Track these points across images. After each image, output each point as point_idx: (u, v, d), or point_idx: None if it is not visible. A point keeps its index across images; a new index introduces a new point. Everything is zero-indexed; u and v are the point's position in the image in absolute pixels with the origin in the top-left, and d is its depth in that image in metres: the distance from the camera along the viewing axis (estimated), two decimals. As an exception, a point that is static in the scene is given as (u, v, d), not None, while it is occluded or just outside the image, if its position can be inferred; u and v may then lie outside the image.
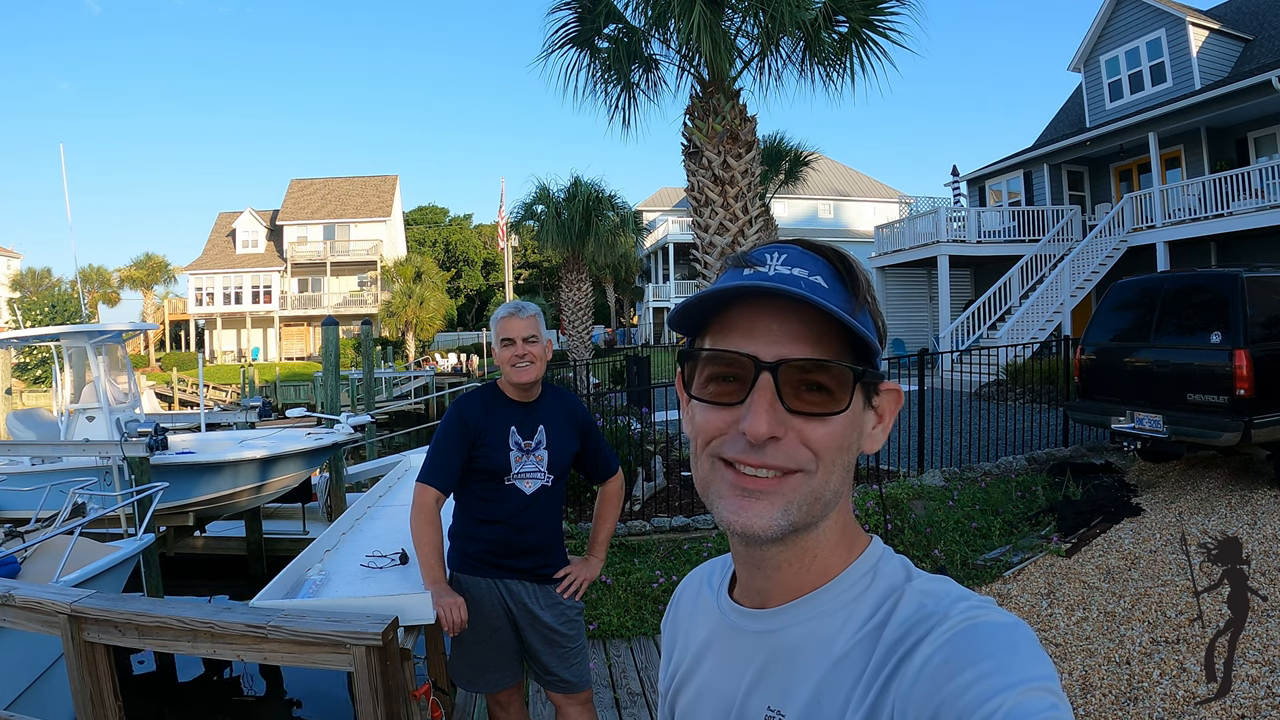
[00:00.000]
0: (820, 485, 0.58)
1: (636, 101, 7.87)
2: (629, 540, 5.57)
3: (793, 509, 0.58)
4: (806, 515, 0.59)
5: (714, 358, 0.60)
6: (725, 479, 0.60)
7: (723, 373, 0.60)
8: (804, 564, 0.62)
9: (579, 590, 2.41)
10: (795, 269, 0.59)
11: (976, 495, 6.02)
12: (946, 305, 15.75)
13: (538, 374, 2.32)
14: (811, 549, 0.62)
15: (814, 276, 0.59)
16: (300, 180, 43.79)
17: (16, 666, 4.18)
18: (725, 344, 0.59)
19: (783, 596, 0.63)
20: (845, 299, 0.59)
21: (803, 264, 0.59)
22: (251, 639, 2.30)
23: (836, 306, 0.56)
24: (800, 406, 0.57)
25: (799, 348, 0.57)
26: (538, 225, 19.08)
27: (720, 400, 0.60)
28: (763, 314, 0.58)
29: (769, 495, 0.58)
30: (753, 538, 0.59)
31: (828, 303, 0.56)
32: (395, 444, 14.95)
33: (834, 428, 0.58)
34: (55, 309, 29.93)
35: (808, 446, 0.58)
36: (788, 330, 0.58)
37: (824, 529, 0.62)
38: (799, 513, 0.58)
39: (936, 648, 0.53)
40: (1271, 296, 5.37)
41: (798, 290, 0.55)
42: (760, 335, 0.58)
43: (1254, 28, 14.84)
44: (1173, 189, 13.63)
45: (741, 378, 0.58)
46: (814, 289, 0.57)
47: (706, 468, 0.61)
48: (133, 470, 6.28)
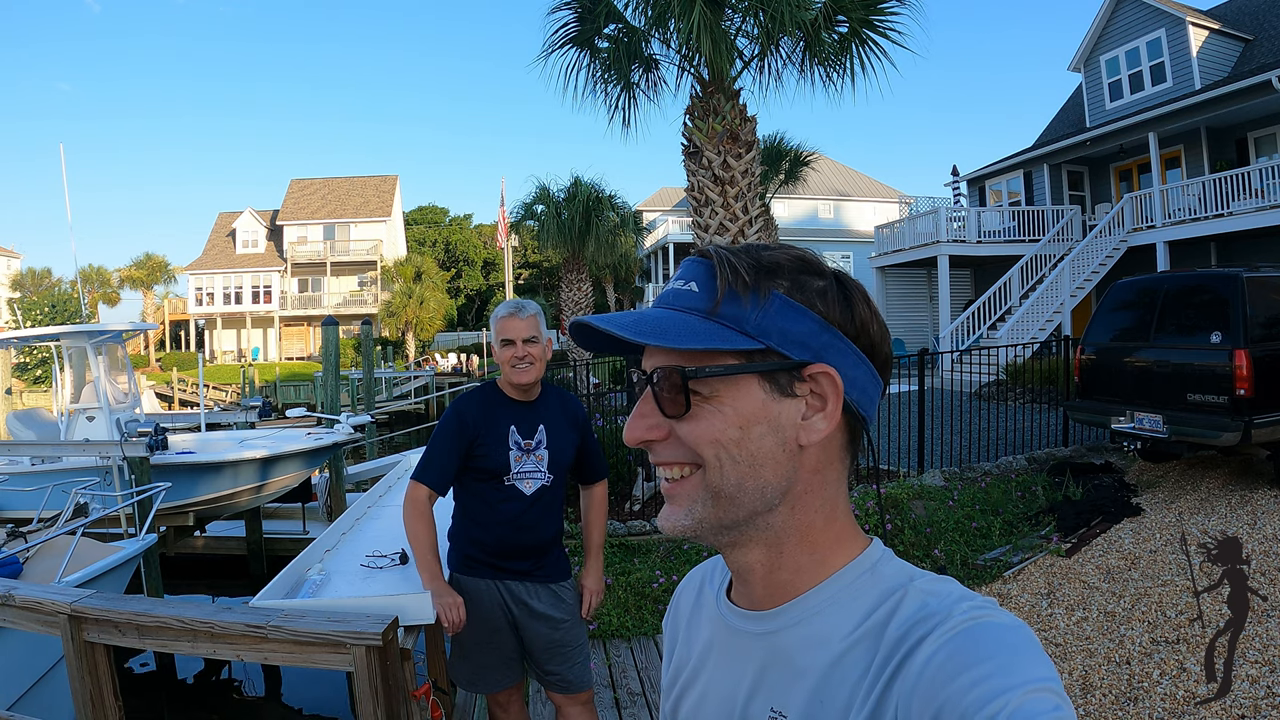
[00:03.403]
0: (714, 480, 0.60)
1: (636, 101, 7.86)
2: (629, 540, 5.57)
3: (696, 506, 0.61)
4: (715, 513, 0.61)
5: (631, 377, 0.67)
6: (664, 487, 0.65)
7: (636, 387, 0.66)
8: (773, 563, 0.63)
9: (597, 604, 2.52)
10: (678, 281, 0.64)
11: (976, 495, 6.02)
12: (946, 305, 15.74)
13: (537, 375, 2.31)
14: (776, 547, 0.63)
15: (688, 284, 0.63)
16: (300, 180, 43.79)
17: (18, 667, 4.18)
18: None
19: (773, 597, 0.64)
20: (706, 298, 0.61)
21: (685, 274, 0.64)
22: (251, 639, 2.29)
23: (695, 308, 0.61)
24: (668, 410, 0.61)
25: (659, 357, 0.62)
26: (538, 225, 19.07)
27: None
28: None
29: (676, 498, 0.62)
30: (671, 536, 0.64)
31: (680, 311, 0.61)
32: (395, 444, 14.95)
33: (701, 425, 0.60)
34: (55, 309, 29.93)
35: (685, 443, 0.61)
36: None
37: (779, 527, 0.62)
38: (704, 509, 0.61)
39: (938, 647, 0.53)
40: (1271, 296, 5.37)
41: (602, 324, 0.60)
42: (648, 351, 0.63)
43: (1254, 28, 14.83)
44: (1173, 189, 13.62)
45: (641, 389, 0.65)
46: (682, 297, 0.62)
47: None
48: (133, 470, 6.28)
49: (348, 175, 44.52)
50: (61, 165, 11.92)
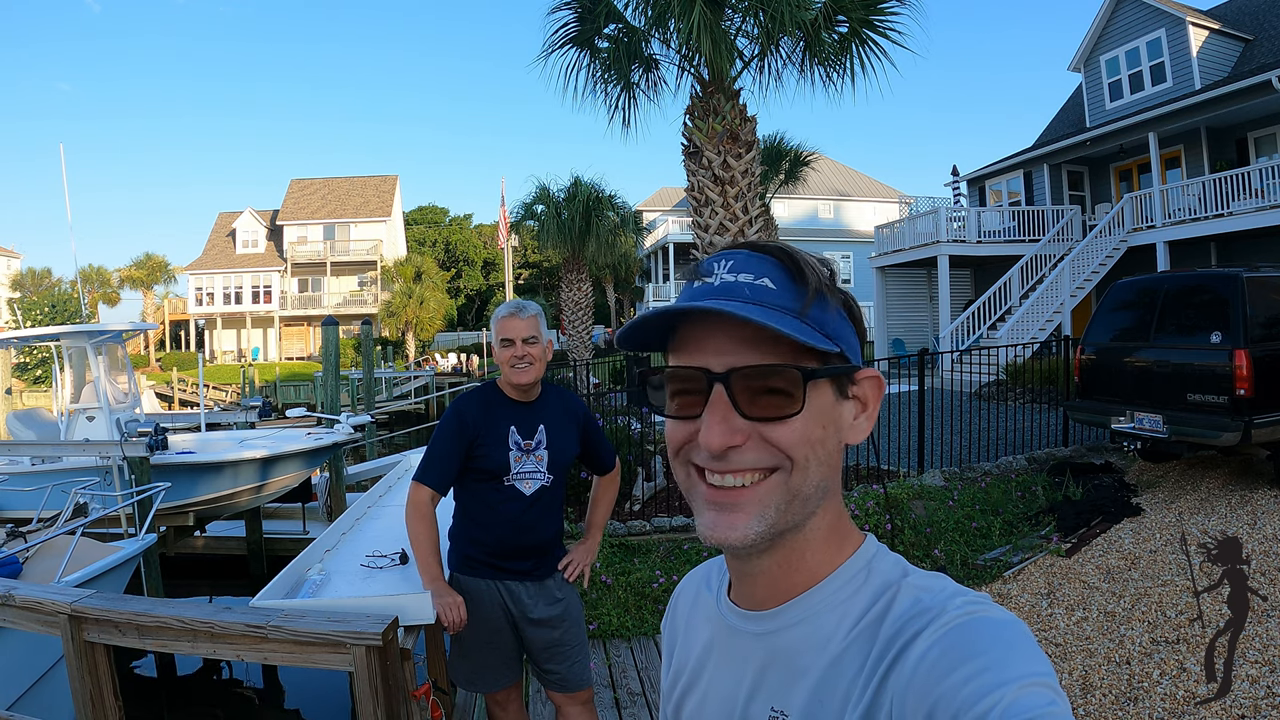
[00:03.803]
0: (798, 483, 0.59)
1: (636, 101, 7.87)
2: (629, 540, 5.57)
3: (769, 512, 0.59)
4: (785, 516, 0.59)
5: (673, 374, 0.62)
6: (700, 492, 0.61)
7: (682, 388, 0.61)
8: (792, 565, 0.63)
9: (584, 576, 2.45)
10: (741, 275, 0.60)
11: (976, 495, 6.02)
12: (946, 305, 15.74)
13: (537, 375, 2.31)
14: (800, 550, 0.62)
15: (760, 279, 0.59)
16: (300, 180, 43.78)
17: (17, 667, 4.18)
18: (681, 359, 0.61)
19: (777, 598, 0.63)
20: (794, 297, 0.59)
21: (749, 268, 0.60)
22: (251, 639, 2.29)
23: (784, 307, 0.58)
24: (758, 411, 0.58)
25: (746, 354, 0.58)
26: (538, 225, 19.06)
27: (682, 414, 0.61)
28: (710, 326, 0.59)
29: (742, 506, 0.59)
30: (731, 549, 0.60)
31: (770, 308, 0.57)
32: (395, 444, 14.95)
33: (796, 427, 0.58)
34: (55, 309, 29.93)
35: (776, 447, 0.58)
36: (734, 339, 0.58)
37: (810, 528, 0.62)
38: (776, 515, 0.59)
39: (933, 642, 0.53)
40: (1271, 296, 5.37)
41: (729, 308, 0.56)
42: (710, 347, 0.59)
43: (1254, 28, 14.83)
44: (1173, 189, 13.62)
45: (698, 390, 0.60)
46: (758, 293, 0.58)
47: (683, 475, 0.63)
48: (133, 470, 6.28)
49: (348, 175, 44.55)
50: (61, 165, 11.92)
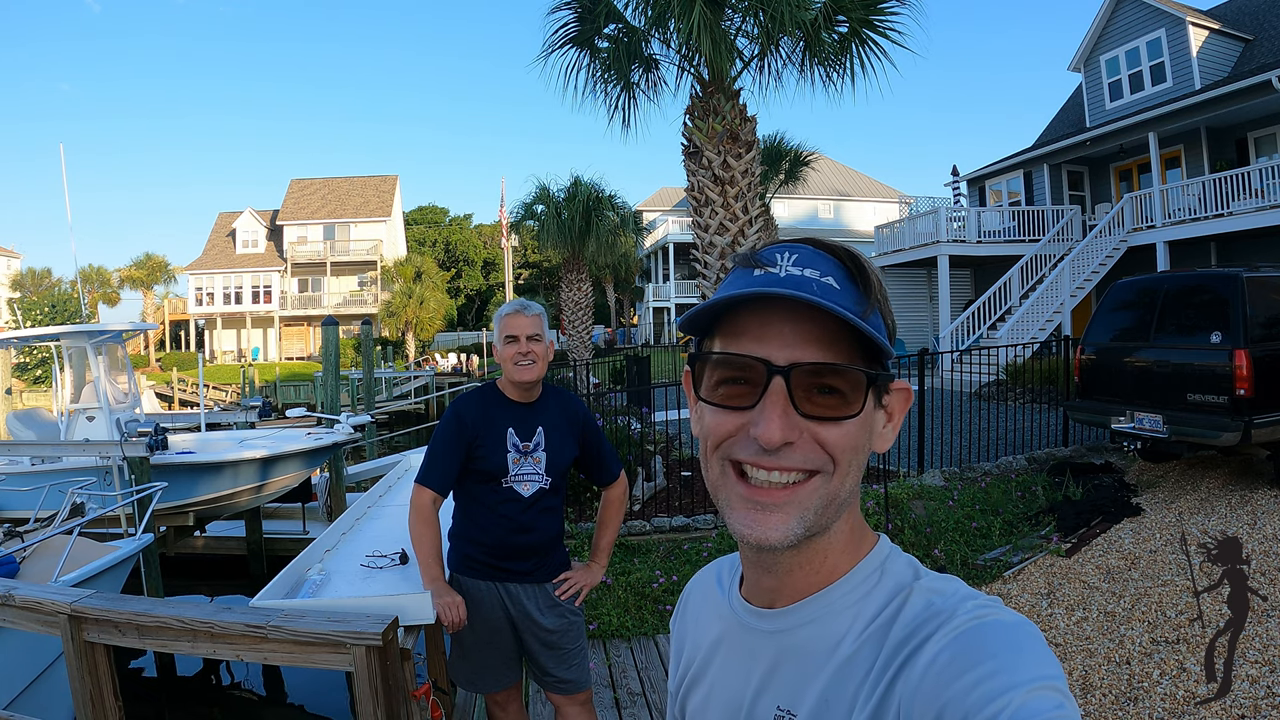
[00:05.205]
0: (836, 487, 0.58)
1: (636, 101, 7.86)
2: (629, 540, 5.57)
3: (809, 515, 0.58)
4: (821, 519, 0.59)
5: (725, 361, 0.59)
6: (736, 491, 0.59)
7: (734, 376, 0.59)
8: (815, 565, 0.62)
9: (579, 596, 2.39)
10: (806, 270, 0.58)
11: (976, 495, 6.02)
12: (946, 305, 15.74)
13: (539, 373, 2.30)
14: (823, 551, 0.62)
15: (825, 277, 0.58)
16: (300, 180, 43.77)
17: (15, 666, 4.17)
18: (736, 347, 0.58)
19: (792, 596, 0.63)
20: (856, 300, 0.58)
21: (814, 264, 0.58)
22: (251, 639, 2.29)
23: (848, 308, 0.56)
24: (814, 410, 0.57)
25: (811, 351, 0.56)
26: (538, 225, 19.07)
27: (730, 404, 0.59)
28: (774, 316, 0.57)
29: (783, 506, 0.57)
30: (768, 548, 0.59)
31: (839, 305, 0.55)
32: (395, 444, 14.94)
33: (848, 430, 0.58)
34: (55, 309, 29.93)
35: (824, 449, 0.57)
36: (799, 333, 0.57)
37: (836, 530, 0.62)
38: (815, 518, 0.58)
39: (943, 646, 0.53)
40: (1271, 296, 5.37)
41: (810, 295, 0.55)
42: (772, 338, 0.57)
43: (1254, 28, 14.84)
44: (1173, 189, 13.62)
45: (753, 381, 0.57)
46: (825, 291, 0.57)
47: (717, 471, 0.61)
48: (132, 470, 6.27)
49: (348, 175, 44.54)
50: (61, 165, 11.93)
